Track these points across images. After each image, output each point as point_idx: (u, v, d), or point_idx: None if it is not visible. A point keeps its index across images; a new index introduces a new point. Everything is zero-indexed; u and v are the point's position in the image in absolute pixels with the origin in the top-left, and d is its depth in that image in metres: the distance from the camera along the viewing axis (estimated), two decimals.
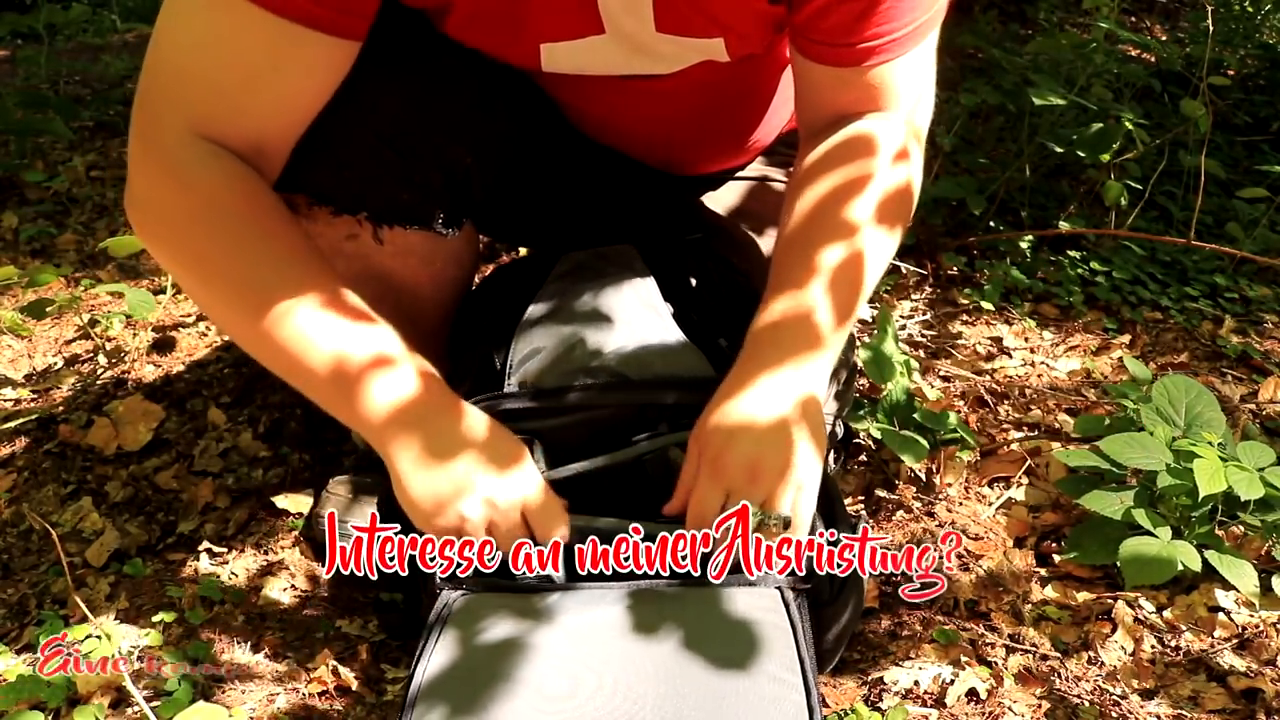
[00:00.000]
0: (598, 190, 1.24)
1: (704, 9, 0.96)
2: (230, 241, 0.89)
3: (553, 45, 0.99)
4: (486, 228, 1.27)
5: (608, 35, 0.98)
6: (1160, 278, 1.96)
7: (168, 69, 0.89)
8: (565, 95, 1.12)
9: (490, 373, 1.09)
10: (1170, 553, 1.10)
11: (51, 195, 2.13)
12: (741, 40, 1.01)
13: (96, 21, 3.94)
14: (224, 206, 0.89)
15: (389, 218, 1.06)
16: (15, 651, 1.04)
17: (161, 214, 0.90)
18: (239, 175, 0.90)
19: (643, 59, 1.02)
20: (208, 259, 0.90)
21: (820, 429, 0.92)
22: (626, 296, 1.11)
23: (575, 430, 1.03)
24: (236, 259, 0.89)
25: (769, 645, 0.84)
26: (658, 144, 1.22)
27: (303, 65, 0.89)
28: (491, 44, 1.00)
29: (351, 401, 0.88)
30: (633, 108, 1.12)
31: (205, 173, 0.88)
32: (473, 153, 1.06)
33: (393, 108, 0.97)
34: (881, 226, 0.98)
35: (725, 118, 1.20)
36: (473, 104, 1.03)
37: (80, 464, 1.32)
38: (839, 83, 1.00)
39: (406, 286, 1.12)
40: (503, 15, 0.95)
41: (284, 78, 0.89)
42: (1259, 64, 2.98)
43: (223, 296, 0.92)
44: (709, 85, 1.09)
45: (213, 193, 0.89)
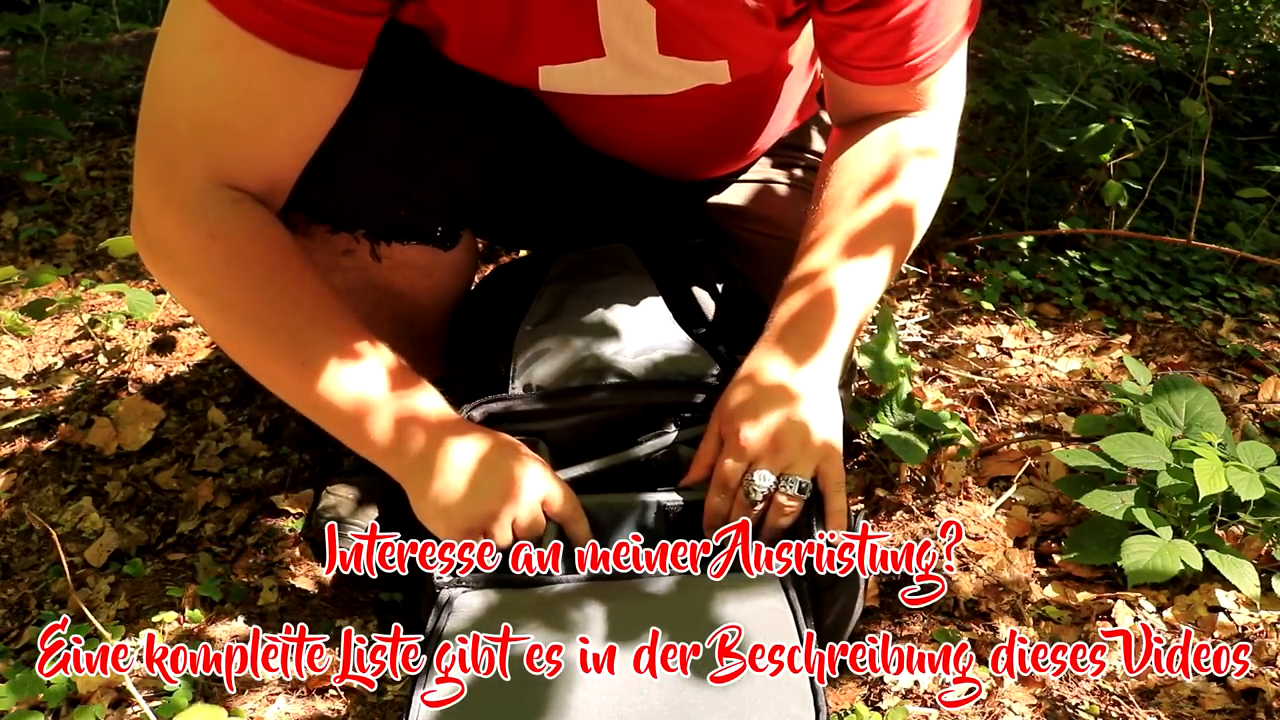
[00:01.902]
0: (597, 197, 1.24)
1: (709, 33, 0.96)
2: (257, 289, 0.91)
3: (551, 68, 0.99)
4: (485, 233, 1.27)
5: (608, 58, 0.97)
6: (1160, 278, 1.96)
7: (181, 115, 0.88)
8: (563, 110, 1.12)
9: (494, 376, 1.09)
10: (1170, 552, 1.10)
11: (51, 195, 2.13)
12: (745, 62, 1.01)
13: (96, 21, 3.93)
14: (251, 255, 0.90)
15: (386, 234, 1.06)
16: (15, 651, 1.04)
17: (187, 262, 0.91)
18: (263, 222, 0.92)
19: (643, 80, 1.01)
20: (235, 305, 0.92)
21: (837, 408, 0.96)
22: (626, 296, 1.11)
23: (582, 431, 1.03)
24: (262, 305, 0.91)
25: (770, 632, 0.85)
26: (658, 156, 1.21)
27: (314, 99, 0.89)
28: (489, 66, 0.99)
29: (373, 442, 0.93)
30: (632, 123, 1.11)
31: (230, 223, 0.89)
32: (469, 167, 1.05)
33: (388, 126, 0.97)
34: (906, 220, 1.01)
35: (727, 131, 1.20)
36: (468, 118, 1.03)
37: (80, 464, 1.32)
38: (877, 94, 1.02)
39: (405, 296, 1.12)
40: (500, 37, 0.95)
41: (297, 114, 0.90)
42: (1259, 64, 2.98)
43: (249, 340, 0.94)
44: (710, 102, 1.08)
45: (239, 241, 0.90)
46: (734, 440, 0.93)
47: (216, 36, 0.83)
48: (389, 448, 0.92)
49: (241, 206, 0.90)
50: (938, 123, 1.04)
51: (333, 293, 0.94)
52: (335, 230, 1.03)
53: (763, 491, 0.92)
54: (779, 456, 0.92)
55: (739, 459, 0.93)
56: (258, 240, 0.91)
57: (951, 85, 1.04)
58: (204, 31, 0.84)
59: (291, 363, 0.91)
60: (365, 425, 0.92)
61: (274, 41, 0.83)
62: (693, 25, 0.94)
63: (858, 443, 1.36)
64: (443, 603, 0.91)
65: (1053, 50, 2.22)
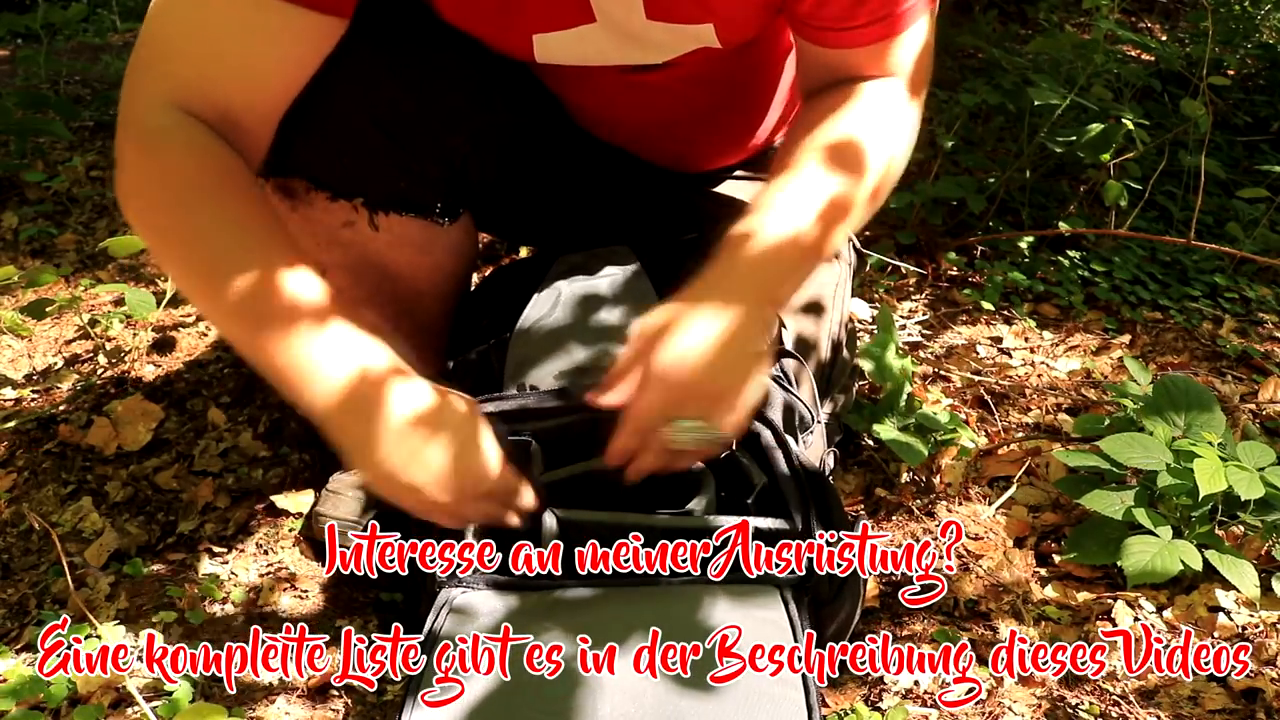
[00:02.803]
0: (595, 184, 1.24)
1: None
2: (185, 209, 0.88)
3: (545, 36, 0.99)
4: (484, 222, 1.27)
5: (598, 24, 0.98)
6: (1160, 278, 1.96)
7: (148, 39, 0.90)
8: (564, 89, 1.13)
9: (489, 375, 1.09)
10: (1170, 553, 1.10)
11: (51, 195, 2.13)
12: (732, 26, 1.01)
13: (96, 21, 3.94)
14: (183, 174, 0.88)
15: (385, 205, 1.06)
16: (15, 651, 1.04)
17: (130, 184, 0.90)
18: (201, 144, 0.89)
19: (635, 48, 1.02)
20: (168, 229, 0.90)
21: (763, 354, 0.92)
22: (624, 296, 1.11)
23: (574, 430, 1.03)
24: (188, 226, 0.88)
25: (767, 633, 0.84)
26: (657, 139, 1.22)
27: (270, 34, 0.89)
28: (483, 31, 1.00)
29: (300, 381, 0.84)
30: (631, 102, 1.12)
31: (169, 141, 0.88)
32: (470, 143, 1.06)
33: (390, 94, 0.98)
34: (865, 180, 0.98)
35: (724, 112, 1.20)
36: (471, 95, 1.04)
37: (80, 464, 1.32)
38: (841, 58, 1.01)
39: (404, 276, 1.12)
40: (494, 4, 0.96)
41: (252, 47, 0.89)
42: (1259, 64, 2.98)
43: (179, 264, 0.91)
44: (706, 79, 1.09)
45: (174, 160, 0.88)
46: (655, 383, 0.88)
47: None
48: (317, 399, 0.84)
49: (186, 129, 0.89)
50: (900, 87, 1.02)
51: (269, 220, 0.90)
52: (335, 198, 1.03)
53: (670, 436, 0.89)
54: (699, 408, 0.88)
55: (657, 403, 0.88)
56: (191, 160, 0.89)
57: (915, 54, 1.02)
58: None
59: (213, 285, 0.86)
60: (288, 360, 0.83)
61: None
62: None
63: (858, 443, 1.36)
64: (441, 603, 0.91)
65: (1053, 50, 2.22)
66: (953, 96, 2.15)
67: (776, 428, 1.00)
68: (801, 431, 1.07)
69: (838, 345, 1.24)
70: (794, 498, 0.96)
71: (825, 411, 1.18)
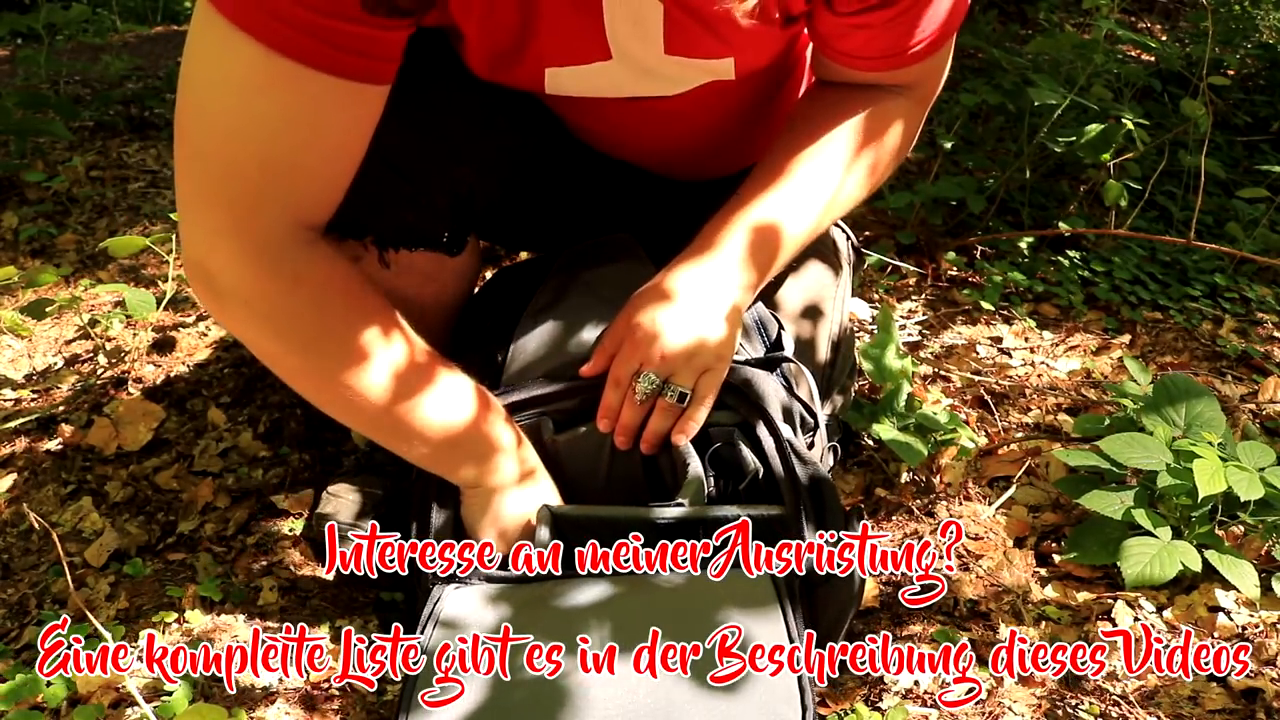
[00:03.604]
0: (601, 198, 1.24)
1: (716, 31, 0.96)
2: (344, 324, 0.92)
3: (558, 70, 0.99)
4: (490, 236, 1.27)
5: (614, 60, 0.97)
6: (1160, 278, 1.96)
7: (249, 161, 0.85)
8: (568, 113, 1.12)
9: (493, 368, 1.09)
10: (1169, 556, 1.10)
11: (51, 195, 2.13)
12: (750, 59, 1.02)
13: (96, 21, 3.94)
14: (333, 293, 0.92)
15: (395, 240, 1.06)
16: (15, 651, 1.04)
17: (265, 308, 0.90)
18: (336, 259, 0.93)
19: (649, 81, 1.02)
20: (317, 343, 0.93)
21: (733, 325, 1.01)
22: (628, 282, 1.11)
23: (581, 412, 1.05)
24: (348, 339, 0.92)
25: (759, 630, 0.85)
26: (665, 159, 1.22)
27: (368, 121, 0.89)
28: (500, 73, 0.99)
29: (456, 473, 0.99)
30: (638, 126, 1.11)
31: (314, 264, 0.91)
32: (476, 171, 1.05)
33: (396, 132, 0.96)
34: (857, 173, 1.05)
35: (733, 131, 1.20)
36: (475, 121, 1.03)
37: (80, 464, 1.32)
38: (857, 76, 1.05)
39: (410, 300, 1.11)
40: (511, 40, 0.95)
41: (358, 139, 0.89)
42: (1259, 64, 2.98)
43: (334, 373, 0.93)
44: (717, 105, 1.09)
45: (321, 281, 0.91)
46: (630, 340, 0.99)
47: (268, 74, 0.80)
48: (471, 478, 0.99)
49: (317, 247, 0.91)
50: (913, 99, 1.08)
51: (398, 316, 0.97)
52: (343, 238, 1.03)
53: (647, 393, 0.99)
54: (665, 363, 0.98)
55: (631, 359, 0.99)
56: (335, 278, 0.92)
57: (937, 69, 1.08)
58: (253, 70, 0.80)
59: (378, 392, 0.93)
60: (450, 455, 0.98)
61: (330, 70, 0.80)
62: (701, 22, 0.95)
63: (858, 443, 1.36)
64: (436, 599, 0.91)
65: (1053, 50, 2.22)
66: (953, 96, 2.15)
67: (770, 417, 1.01)
68: (803, 432, 1.07)
69: (837, 345, 1.25)
70: (787, 485, 0.97)
71: (825, 412, 1.18)
